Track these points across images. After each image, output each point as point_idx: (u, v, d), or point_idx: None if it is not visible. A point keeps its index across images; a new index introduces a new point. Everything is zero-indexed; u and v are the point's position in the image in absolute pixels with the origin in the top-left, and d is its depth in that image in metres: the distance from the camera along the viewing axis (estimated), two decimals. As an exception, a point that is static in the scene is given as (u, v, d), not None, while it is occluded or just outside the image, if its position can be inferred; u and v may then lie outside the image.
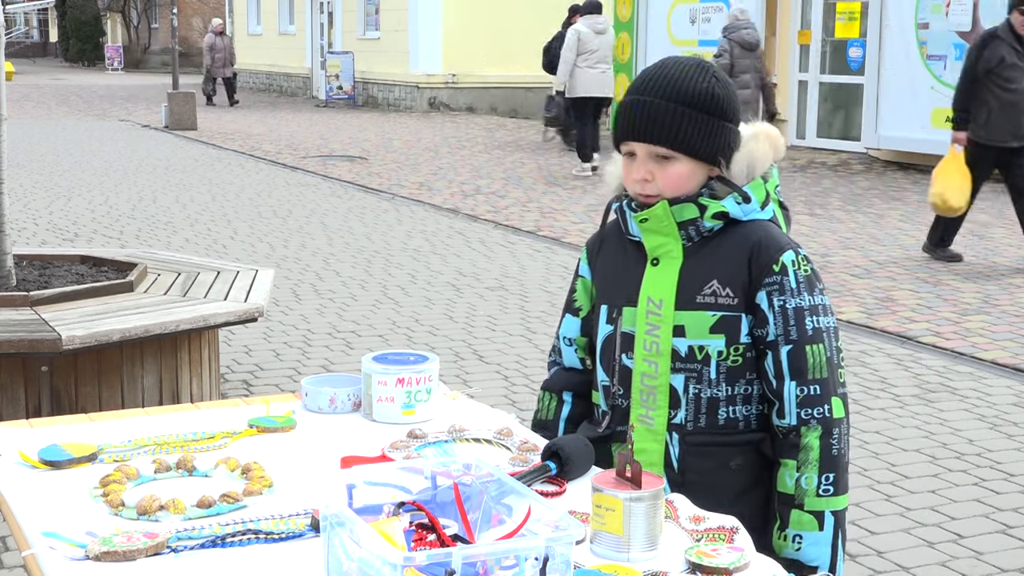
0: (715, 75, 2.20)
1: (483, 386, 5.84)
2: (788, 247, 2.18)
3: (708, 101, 2.16)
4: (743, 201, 2.18)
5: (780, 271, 2.15)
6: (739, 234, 2.18)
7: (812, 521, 2.13)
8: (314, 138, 18.96)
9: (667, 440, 2.21)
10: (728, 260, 2.17)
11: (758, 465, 2.21)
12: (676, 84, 2.16)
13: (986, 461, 5.03)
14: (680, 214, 2.18)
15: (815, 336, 2.15)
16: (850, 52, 15.83)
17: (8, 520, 2.00)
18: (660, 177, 2.17)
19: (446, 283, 8.38)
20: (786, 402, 2.15)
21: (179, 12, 35.88)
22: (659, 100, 2.16)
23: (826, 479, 2.13)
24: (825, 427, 2.14)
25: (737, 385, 2.19)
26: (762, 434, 2.21)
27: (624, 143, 2.22)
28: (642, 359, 2.21)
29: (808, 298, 2.16)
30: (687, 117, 2.15)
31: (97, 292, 5.28)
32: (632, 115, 2.18)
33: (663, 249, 2.21)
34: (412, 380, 2.44)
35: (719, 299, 2.16)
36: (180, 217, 11.21)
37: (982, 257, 9.28)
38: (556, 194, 12.80)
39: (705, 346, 2.17)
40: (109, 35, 54.19)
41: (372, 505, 1.72)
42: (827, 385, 2.15)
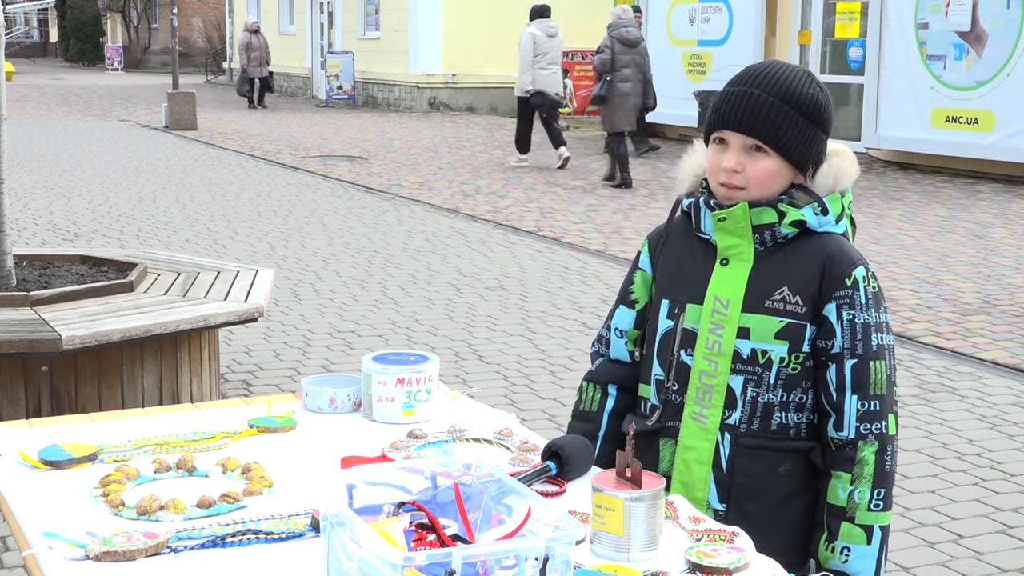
0: (820, 85, 2.22)
1: (483, 386, 5.84)
2: (860, 263, 2.20)
3: (812, 107, 2.18)
4: (821, 212, 2.20)
5: (852, 285, 2.17)
6: (813, 244, 2.19)
7: (862, 535, 2.15)
8: (314, 138, 18.96)
9: (718, 440, 2.21)
10: (801, 269, 2.18)
11: (805, 473, 2.21)
12: (784, 83, 2.18)
13: (986, 461, 5.03)
14: (758, 217, 2.18)
15: (879, 352, 2.17)
16: (850, 52, 15.84)
17: (8, 520, 2.00)
18: (750, 169, 2.18)
19: (446, 283, 8.38)
20: (846, 415, 2.16)
21: (179, 12, 35.88)
22: (765, 95, 2.17)
23: (877, 494, 2.15)
24: (881, 443, 2.15)
25: (793, 392, 2.19)
26: (812, 443, 2.21)
27: (719, 130, 2.21)
28: (702, 357, 2.21)
29: (875, 314, 2.19)
30: (789, 117, 2.16)
31: (97, 292, 5.28)
32: (735, 105, 2.19)
33: (735, 250, 2.21)
34: (412, 380, 2.44)
35: (788, 306, 2.17)
36: (180, 217, 11.21)
37: (982, 257, 9.28)
38: (556, 194, 12.80)
39: (768, 351, 2.18)
40: (109, 35, 54.19)
41: (372, 505, 1.72)
42: (885, 402, 2.17)
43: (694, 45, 17.77)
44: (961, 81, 13.84)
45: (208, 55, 41.82)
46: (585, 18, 23.70)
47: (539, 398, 5.81)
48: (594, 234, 10.35)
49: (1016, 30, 13.20)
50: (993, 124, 13.47)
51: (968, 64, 13.77)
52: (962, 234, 10.31)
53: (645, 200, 12.32)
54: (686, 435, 2.22)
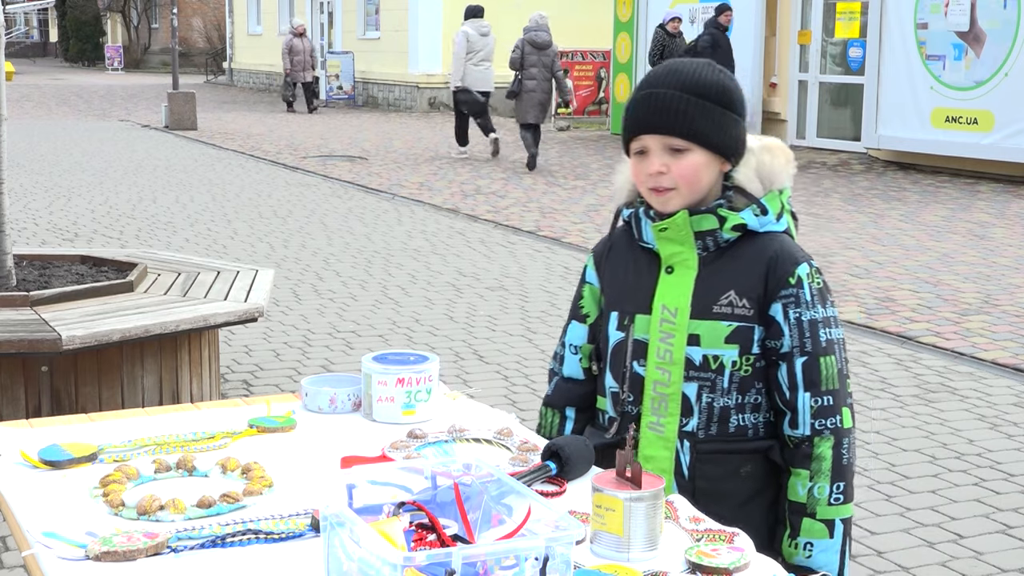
0: (723, 71, 2.22)
1: (483, 386, 5.84)
2: (803, 260, 2.20)
3: (719, 93, 2.18)
4: (761, 213, 2.20)
5: (796, 284, 2.18)
6: (755, 246, 2.20)
7: (823, 529, 2.16)
8: (314, 138, 18.96)
9: (677, 447, 2.22)
10: (745, 272, 2.18)
11: (766, 472, 2.23)
12: (686, 76, 2.18)
13: (986, 461, 5.03)
14: (699, 224, 2.18)
15: (828, 348, 2.18)
16: (850, 52, 15.84)
17: (8, 520, 2.00)
18: (675, 169, 2.17)
19: (446, 283, 8.39)
20: (800, 413, 2.17)
21: (179, 12, 35.90)
22: (672, 91, 2.17)
23: (837, 488, 2.16)
24: (837, 437, 2.16)
25: (748, 394, 2.20)
26: (771, 442, 2.22)
27: (636, 138, 2.21)
28: (655, 367, 2.21)
29: (821, 310, 2.19)
30: (699, 107, 2.16)
31: (97, 292, 5.28)
32: (645, 108, 2.19)
33: (679, 258, 2.21)
34: (412, 380, 2.44)
35: (736, 310, 2.18)
36: (180, 217, 11.22)
37: (982, 257, 9.28)
38: (556, 194, 12.81)
39: (720, 356, 2.18)
40: (109, 35, 54.18)
41: (372, 505, 1.72)
42: (838, 396, 2.18)
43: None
44: (960, 81, 13.85)
45: (208, 55, 41.81)
46: (585, 17, 23.72)
47: (539, 398, 5.79)
48: (594, 234, 10.35)
49: (1013, 30, 13.21)
50: (992, 124, 13.47)
51: (967, 64, 13.77)
52: (962, 234, 10.31)
53: (645, 200, 12.33)
54: (645, 445, 2.23)
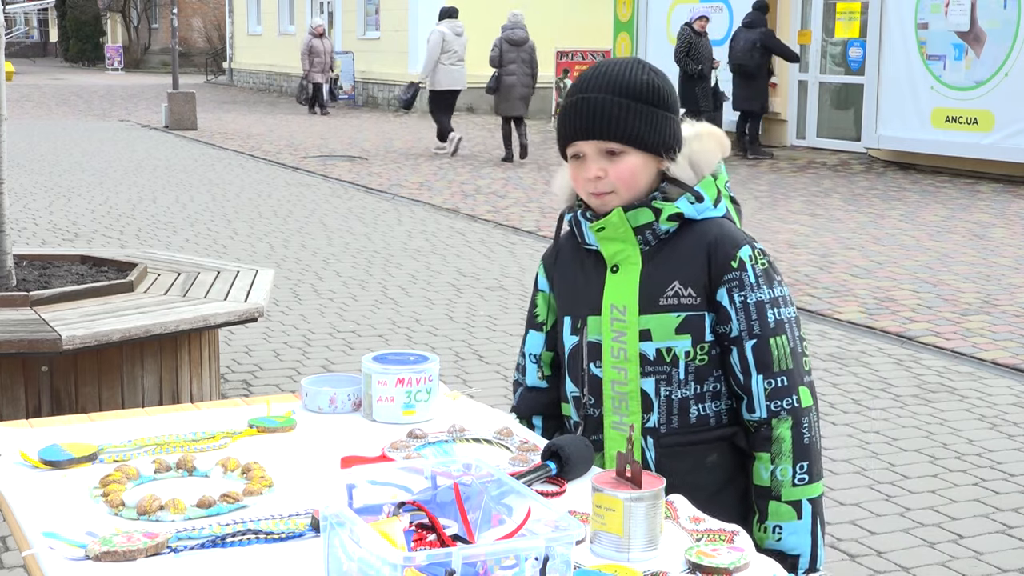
0: (652, 69, 2.22)
1: (483, 386, 5.84)
2: (744, 242, 2.19)
3: (650, 93, 2.18)
4: (696, 200, 2.19)
5: (738, 267, 2.17)
6: (695, 233, 2.19)
7: (790, 511, 2.16)
8: (314, 138, 18.96)
9: (642, 445, 2.22)
10: (687, 260, 2.18)
11: (733, 459, 2.23)
12: (617, 79, 2.18)
13: (986, 461, 5.03)
14: (635, 219, 2.18)
15: (777, 328, 2.17)
16: (850, 52, 15.84)
17: (8, 520, 2.01)
18: (612, 172, 2.18)
19: (446, 283, 8.39)
20: (755, 396, 2.17)
21: (179, 12, 35.89)
22: (601, 95, 2.17)
23: (800, 468, 2.15)
24: (795, 417, 2.16)
25: (706, 383, 2.20)
26: (734, 428, 2.22)
27: (571, 144, 2.22)
28: (611, 366, 2.22)
29: (767, 291, 2.18)
30: (632, 110, 2.16)
31: (97, 292, 5.28)
32: (578, 114, 2.19)
33: (622, 256, 2.22)
34: (412, 380, 2.44)
35: (682, 300, 2.18)
36: (180, 217, 11.22)
37: (982, 257, 9.28)
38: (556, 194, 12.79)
39: (672, 347, 2.18)
40: (109, 35, 54.19)
41: (372, 505, 1.72)
42: (793, 376, 2.17)
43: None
44: (960, 81, 13.85)
45: (208, 55, 41.82)
46: (585, 17, 23.72)
47: (539, 398, 5.80)
48: (594, 234, 10.35)
49: (1013, 30, 13.21)
50: (992, 124, 13.48)
51: (967, 64, 13.77)
52: (962, 234, 10.31)
53: (645, 200, 12.33)
54: (610, 446, 2.24)
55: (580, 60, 20.75)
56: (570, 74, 20.61)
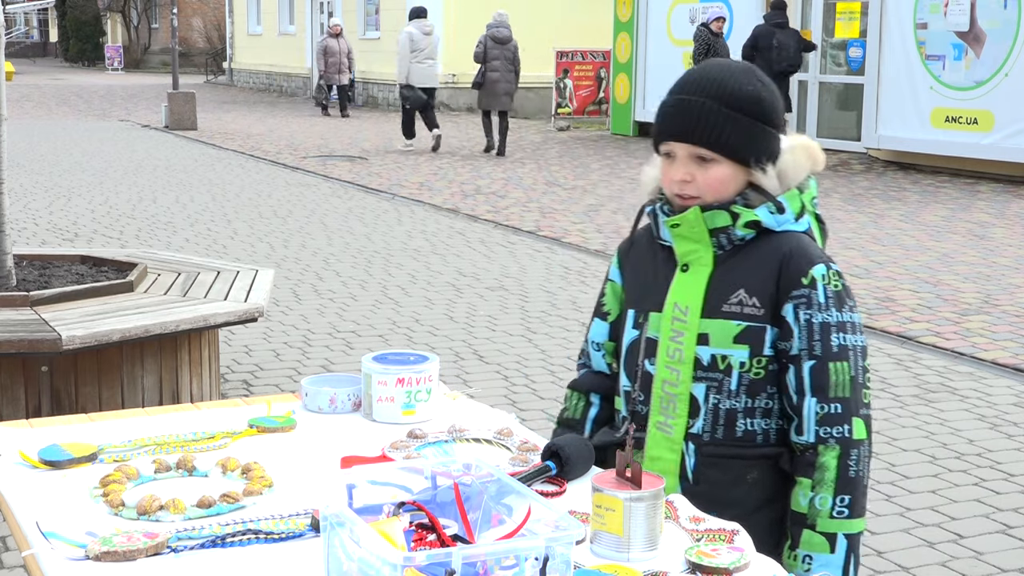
0: (760, 79, 2.17)
1: (483, 386, 5.84)
2: (820, 260, 2.13)
3: (753, 104, 2.13)
4: (777, 211, 2.14)
5: (809, 284, 2.11)
6: (771, 244, 2.14)
7: (824, 543, 2.08)
8: (314, 138, 18.96)
9: (683, 450, 2.17)
10: (757, 270, 2.13)
11: (775, 480, 2.16)
12: (721, 85, 2.13)
13: (986, 461, 5.03)
14: (712, 221, 2.13)
15: (840, 354, 2.10)
16: (850, 52, 15.83)
17: (8, 520, 2.01)
18: (700, 179, 2.13)
19: (446, 283, 8.39)
20: (805, 419, 2.10)
21: (179, 12, 35.89)
22: (703, 99, 2.12)
23: (841, 501, 2.07)
24: (844, 447, 2.08)
25: (758, 398, 2.14)
26: (780, 449, 2.16)
27: (664, 143, 2.17)
28: (664, 366, 2.17)
29: (836, 314, 2.11)
30: (731, 119, 2.11)
31: (97, 292, 5.28)
32: (675, 114, 2.14)
33: (694, 255, 2.17)
34: (412, 380, 2.44)
35: (745, 309, 2.12)
36: (180, 217, 11.22)
37: (982, 257, 9.28)
38: (556, 194, 12.81)
39: (728, 356, 2.13)
40: (109, 35, 54.18)
41: (372, 505, 1.72)
42: (849, 405, 2.09)
43: (695, 45, 17.75)
44: (960, 81, 13.84)
45: (208, 55, 41.82)
46: (585, 17, 23.72)
47: (539, 398, 5.81)
48: (594, 234, 10.36)
49: (1013, 30, 13.20)
50: (992, 124, 13.47)
51: (967, 64, 13.77)
52: (962, 234, 10.31)
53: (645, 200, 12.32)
54: (652, 446, 2.19)
55: (580, 60, 20.76)
56: (570, 74, 20.62)
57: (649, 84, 18.65)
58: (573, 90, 20.72)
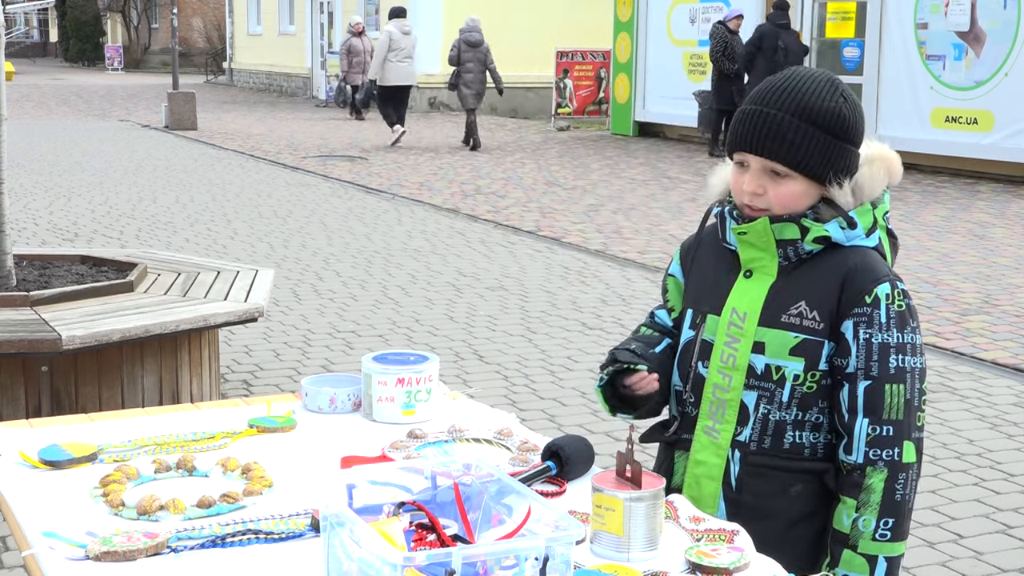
0: (844, 94, 2.12)
1: (483, 386, 5.84)
2: (885, 279, 2.09)
3: (834, 121, 2.09)
4: (848, 227, 2.10)
5: (872, 303, 2.07)
6: (837, 259, 2.10)
7: (864, 564, 2.06)
8: (314, 138, 18.96)
9: (728, 456, 2.15)
10: (821, 283, 2.10)
11: (818, 495, 2.14)
12: (803, 99, 2.08)
13: (986, 461, 5.03)
14: (781, 232, 2.10)
15: (897, 376, 2.07)
16: (845, 52, 15.81)
17: (8, 520, 2.01)
18: (772, 193, 2.10)
19: (446, 283, 8.39)
20: (856, 439, 2.07)
21: (179, 12, 35.89)
22: (783, 114, 2.08)
23: (884, 524, 2.05)
24: (892, 471, 2.06)
25: (809, 412, 2.12)
26: (827, 464, 2.13)
27: (738, 152, 2.14)
28: (717, 370, 2.16)
29: (897, 335, 2.07)
30: (809, 136, 2.07)
31: (97, 292, 5.28)
32: (752, 126, 2.10)
33: (758, 263, 2.15)
34: (412, 380, 2.44)
35: (804, 321, 2.09)
36: (180, 217, 11.21)
37: (982, 257, 9.29)
38: (556, 194, 12.81)
39: (782, 367, 2.10)
40: (109, 35, 54.18)
41: (372, 505, 1.72)
42: (901, 428, 2.06)
43: (695, 45, 17.77)
44: (960, 81, 13.84)
45: (208, 55, 41.82)
46: (585, 17, 23.72)
47: (539, 398, 5.81)
48: (594, 234, 10.35)
49: (1013, 30, 13.21)
50: (992, 124, 13.47)
51: (967, 64, 13.77)
52: (962, 234, 10.31)
53: (645, 200, 12.33)
54: (697, 449, 2.18)
55: (580, 60, 20.77)
56: (570, 74, 20.63)
57: (649, 84, 18.65)
58: (573, 90, 20.72)
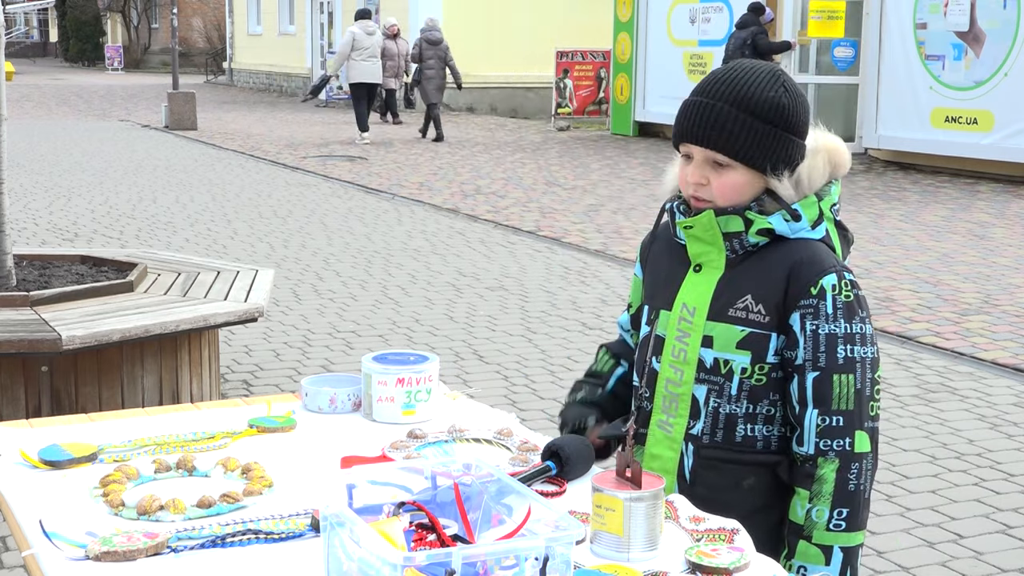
0: (785, 84, 2.12)
1: (483, 386, 5.84)
2: (831, 270, 2.09)
3: (773, 111, 2.09)
4: (792, 219, 2.11)
5: (818, 294, 2.08)
6: (783, 251, 2.11)
7: (819, 555, 2.06)
8: (314, 138, 18.96)
9: (683, 450, 2.17)
10: (766, 277, 2.11)
11: (772, 488, 2.15)
12: (742, 90, 2.10)
13: (986, 461, 5.03)
14: (726, 225, 2.12)
15: (846, 366, 2.07)
16: (835, 52, 15.78)
17: (8, 520, 2.01)
18: (715, 183, 2.11)
19: (446, 283, 8.39)
20: (806, 430, 2.08)
21: (179, 12, 35.89)
22: (723, 104, 2.09)
23: (838, 514, 2.05)
24: (844, 460, 2.06)
25: (760, 404, 2.13)
26: (779, 457, 2.14)
27: (683, 144, 2.15)
28: (669, 365, 2.18)
29: (844, 325, 2.08)
30: (748, 126, 2.08)
31: (97, 292, 5.28)
32: (693, 117, 2.12)
33: (706, 257, 2.16)
34: (412, 380, 2.44)
35: (750, 315, 2.11)
36: (180, 217, 11.21)
37: (982, 257, 9.28)
38: (556, 194, 12.80)
39: (730, 360, 2.12)
40: (109, 35, 54.19)
41: (372, 505, 1.72)
42: (852, 417, 2.07)
43: (695, 45, 17.76)
44: (960, 81, 13.84)
45: (208, 55, 41.81)
46: (585, 17, 23.72)
47: (539, 398, 5.81)
48: (594, 234, 10.35)
49: (1013, 30, 13.20)
50: (992, 124, 13.47)
51: (967, 64, 13.77)
52: (962, 234, 10.31)
53: (645, 200, 12.33)
54: (652, 443, 2.20)
55: (580, 60, 20.77)
56: (570, 74, 20.62)
57: (649, 84, 18.65)
58: (573, 90, 20.72)
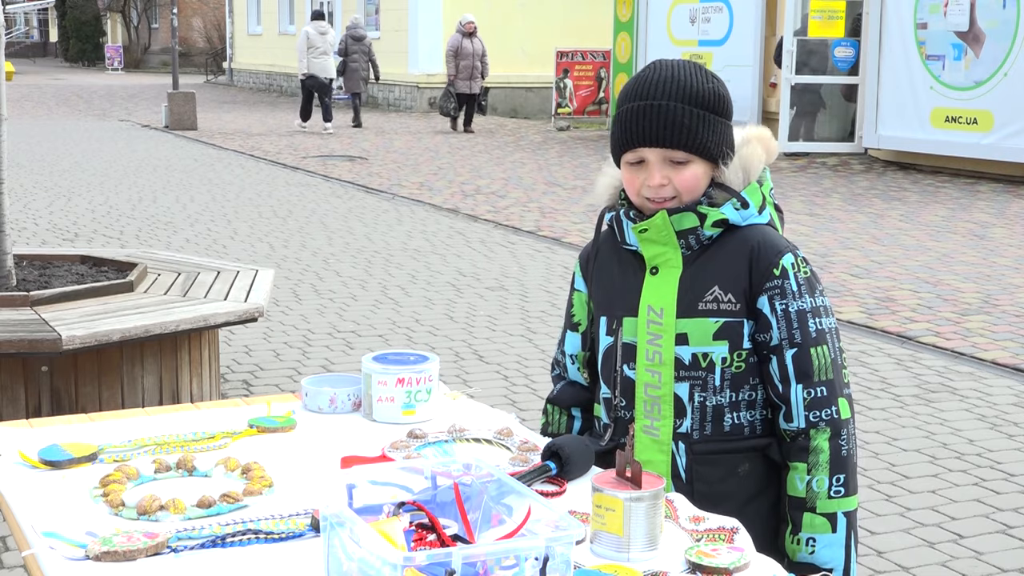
0: (713, 75, 2.20)
1: (483, 386, 5.84)
2: (787, 250, 2.17)
3: (716, 101, 2.16)
4: (742, 207, 2.17)
5: (781, 275, 2.15)
6: (737, 239, 2.17)
7: (825, 523, 2.13)
8: (314, 138, 18.96)
9: (673, 450, 2.19)
10: (728, 266, 2.16)
11: (765, 470, 2.20)
12: (684, 85, 2.14)
13: (986, 461, 5.03)
14: (680, 223, 2.16)
15: (819, 338, 2.15)
16: (836, 52, 15.79)
17: (8, 520, 2.01)
18: (676, 180, 2.15)
19: (446, 283, 8.39)
20: (793, 405, 2.14)
21: (179, 12, 35.88)
22: (672, 102, 2.13)
23: (837, 480, 2.12)
24: (834, 428, 2.13)
25: (741, 391, 2.18)
26: (768, 439, 2.20)
27: (633, 150, 2.17)
28: (645, 369, 2.20)
29: (809, 300, 2.16)
30: (700, 118, 2.13)
31: (97, 292, 5.28)
32: (645, 120, 2.14)
33: (662, 258, 2.19)
34: (412, 380, 2.44)
35: (721, 305, 2.15)
36: (180, 217, 11.21)
37: (982, 257, 9.28)
38: (556, 194, 12.81)
39: (709, 353, 2.16)
40: (109, 35, 54.19)
41: (372, 505, 1.72)
42: (833, 386, 2.15)
43: (695, 45, 17.75)
44: (960, 81, 13.84)
45: (208, 55, 41.81)
46: (585, 17, 23.72)
47: (539, 398, 5.80)
48: (594, 234, 10.34)
49: (1012, 30, 13.20)
50: (992, 124, 13.47)
51: (967, 64, 13.77)
52: (962, 234, 10.31)
53: (645, 200, 12.33)
54: (640, 450, 2.20)
55: (580, 60, 20.77)
56: (570, 74, 20.62)
57: (649, 84, 18.60)
58: (573, 90, 20.72)
